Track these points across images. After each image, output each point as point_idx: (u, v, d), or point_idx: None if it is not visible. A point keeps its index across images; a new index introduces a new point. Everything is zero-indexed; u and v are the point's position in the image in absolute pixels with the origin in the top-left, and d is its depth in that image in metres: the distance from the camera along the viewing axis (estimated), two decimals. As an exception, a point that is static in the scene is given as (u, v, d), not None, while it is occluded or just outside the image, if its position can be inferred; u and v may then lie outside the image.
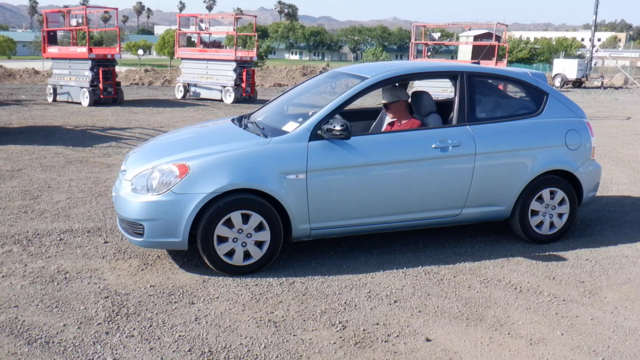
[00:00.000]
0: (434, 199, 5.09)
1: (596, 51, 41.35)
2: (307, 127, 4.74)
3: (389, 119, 5.73)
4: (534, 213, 5.45)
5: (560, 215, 5.52)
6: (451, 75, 5.49)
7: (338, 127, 4.61)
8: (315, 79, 6.22)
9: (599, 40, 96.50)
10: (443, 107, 5.68)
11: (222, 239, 4.51)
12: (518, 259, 5.09)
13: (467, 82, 5.30)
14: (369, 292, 4.34)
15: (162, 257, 4.92)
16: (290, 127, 4.84)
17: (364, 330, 3.79)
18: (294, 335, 3.69)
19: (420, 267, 4.84)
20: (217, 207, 4.41)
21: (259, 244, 4.60)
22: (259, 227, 4.56)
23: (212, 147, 4.73)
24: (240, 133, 5.11)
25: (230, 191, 4.45)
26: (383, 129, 5.69)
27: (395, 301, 4.21)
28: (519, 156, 5.30)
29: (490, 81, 5.72)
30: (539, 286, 4.53)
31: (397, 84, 5.61)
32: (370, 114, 6.30)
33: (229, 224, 4.49)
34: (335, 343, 3.62)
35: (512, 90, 6.51)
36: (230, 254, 4.55)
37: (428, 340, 3.68)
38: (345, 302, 4.16)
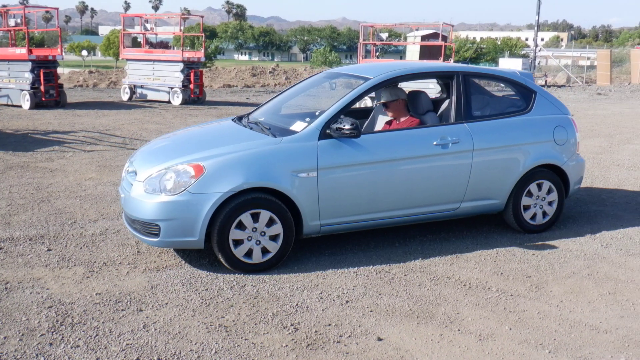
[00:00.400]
0: (436, 193, 5.33)
1: (539, 51, 42.54)
2: (317, 127, 4.88)
3: (384, 117, 5.87)
4: (526, 205, 5.74)
5: (549, 206, 5.84)
6: (448, 75, 5.77)
7: (348, 126, 4.76)
8: (312, 80, 6.36)
9: (542, 40, 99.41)
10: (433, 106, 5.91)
11: (237, 238, 4.60)
12: (467, 255, 5.16)
13: (463, 82, 5.55)
14: (321, 293, 4.32)
15: (108, 263, 4.80)
16: (299, 126, 4.97)
17: (315, 331, 3.77)
18: (245, 340, 3.65)
19: (371, 266, 4.86)
20: (232, 206, 4.51)
21: (272, 242, 4.71)
22: (272, 225, 4.67)
23: (224, 147, 4.82)
24: (248, 133, 5.20)
25: (244, 190, 4.55)
26: (381, 128, 5.80)
27: (346, 301, 4.21)
28: (513, 152, 5.58)
29: (483, 81, 6.00)
30: (487, 282, 4.60)
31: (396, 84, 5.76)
32: (361, 114, 6.36)
33: (243, 223, 4.59)
34: (287, 346, 3.59)
35: (496, 89, 6.68)
36: (245, 252, 4.64)
37: (380, 339, 3.69)
38: (297, 304, 4.14)
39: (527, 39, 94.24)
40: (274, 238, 4.70)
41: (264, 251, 4.69)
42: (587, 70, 41.45)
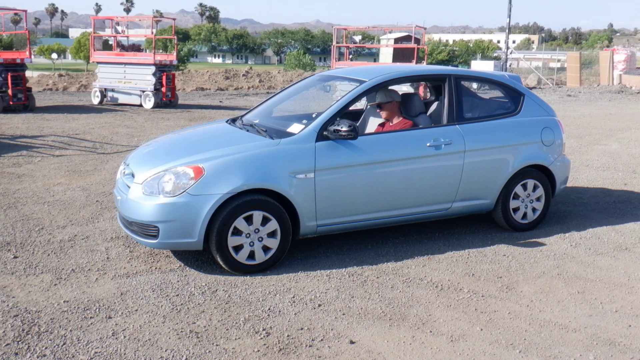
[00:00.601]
0: (429, 193, 5.43)
1: (511, 53, 43.06)
2: (314, 129, 4.95)
3: (376, 119, 5.97)
4: (515, 205, 5.88)
5: (536, 206, 6.00)
6: (440, 78, 5.87)
7: (345, 128, 4.85)
8: (305, 82, 6.43)
9: (513, 42, 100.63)
10: None
11: (236, 238, 4.63)
12: (439, 257, 5.19)
13: (454, 84, 5.67)
14: (293, 297, 4.30)
15: (76, 270, 4.71)
16: (296, 128, 5.05)
17: (288, 336, 3.75)
18: (217, 345, 3.61)
19: (344, 269, 4.85)
20: (231, 208, 4.54)
21: (270, 243, 4.75)
22: (270, 226, 4.72)
23: (222, 149, 4.87)
24: (245, 135, 5.24)
25: (242, 192, 4.59)
26: (374, 130, 5.86)
27: (319, 305, 4.19)
28: (502, 152, 5.72)
29: (474, 83, 6.09)
30: (459, 283, 4.63)
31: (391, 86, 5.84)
32: (351, 116, 6.35)
33: (242, 223, 4.62)
34: (259, 351, 3.56)
35: (482, 92, 6.76)
36: (243, 253, 4.67)
37: (352, 342, 3.68)
38: (269, 309, 4.12)
39: (498, 42, 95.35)
40: (271, 239, 4.75)
41: (262, 251, 4.74)
42: (558, 72, 42.04)
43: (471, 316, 4.08)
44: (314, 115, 5.16)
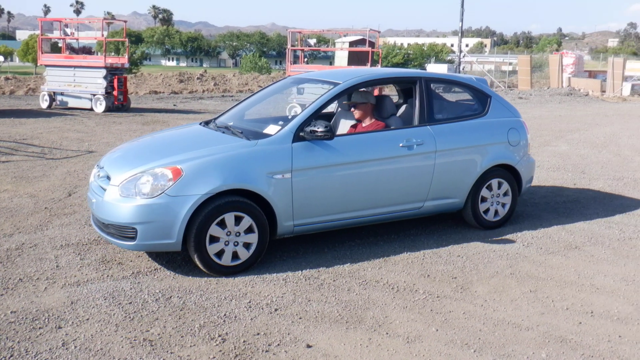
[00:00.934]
0: (402, 193, 5.54)
1: (464, 56, 43.77)
2: (290, 130, 5.00)
3: (347, 121, 6.06)
4: (483, 203, 6.06)
5: (504, 204, 6.20)
6: (411, 80, 5.96)
7: (321, 129, 4.92)
8: (278, 84, 6.49)
9: (467, 45, 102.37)
10: None
11: (214, 240, 4.64)
12: (395, 258, 5.21)
13: (425, 87, 5.80)
14: (249, 302, 4.26)
15: (24, 279, 4.56)
16: (273, 129, 5.09)
17: (244, 341, 3.71)
18: (171, 353, 3.54)
19: (300, 272, 4.83)
20: (210, 209, 4.55)
21: (247, 244, 4.77)
22: (248, 227, 4.74)
23: (200, 150, 4.87)
24: (222, 136, 5.26)
25: (221, 193, 4.60)
26: (346, 131, 5.93)
27: (275, 309, 4.16)
28: (471, 152, 5.88)
29: (443, 85, 6.30)
30: (414, 284, 4.66)
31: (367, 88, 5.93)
32: (323, 118, 6.32)
33: (221, 224, 4.64)
34: (214, 357, 3.51)
35: (448, 94, 6.87)
36: (222, 254, 4.68)
37: (309, 346, 3.66)
38: (224, 314, 4.06)
39: (452, 45, 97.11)
40: (248, 240, 4.76)
41: (239, 253, 4.75)
42: (509, 75, 43.03)
43: (427, 317, 4.11)
44: (289, 117, 5.21)
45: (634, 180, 8.85)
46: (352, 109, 5.87)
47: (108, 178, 4.87)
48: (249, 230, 4.75)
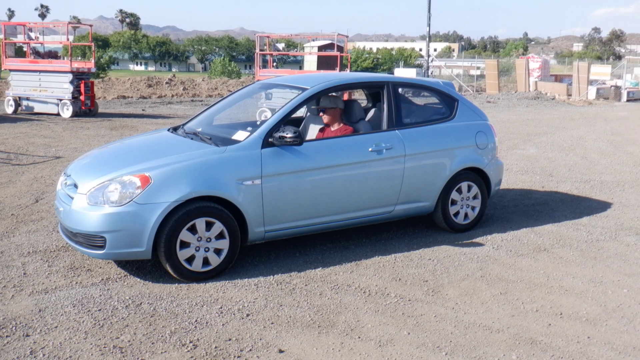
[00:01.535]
0: (373, 197, 5.56)
1: (432, 61, 44.16)
2: (259, 136, 4.98)
3: (316, 126, 6.06)
4: (453, 207, 6.09)
5: (473, 207, 6.25)
6: (379, 85, 5.99)
7: (290, 134, 4.91)
8: (247, 89, 6.48)
9: (435, 50, 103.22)
10: None
11: (185, 245, 4.60)
12: (366, 262, 5.23)
13: (392, 91, 5.82)
14: (221, 308, 4.23)
15: (-11, 288, 4.46)
16: (241, 135, 5.06)
17: (216, 347, 3.68)
18: (142, 361, 3.49)
19: (272, 277, 4.82)
20: (180, 214, 4.52)
21: (218, 250, 4.74)
22: (219, 233, 4.71)
23: (169, 157, 4.82)
24: (190, 143, 5.21)
25: (190, 200, 4.56)
26: (315, 136, 5.91)
27: (247, 315, 4.13)
28: (440, 156, 5.93)
29: (410, 90, 6.32)
30: (386, 288, 4.67)
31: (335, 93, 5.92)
32: (292, 123, 6.27)
33: (192, 230, 4.60)
34: (186, 365, 3.47)
35: (416, 98, 6.88)
36: (192, 260, 4.65)
37: (281, 351, 3.65)
38: (196, 320, 4.02)
39: (420, 49, 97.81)
40: (219, 246, 4.73)
41: (210, 259, 4.71)
42: (477, 79, 43.51)
43: (399, 320, 4.12)
44: (258, 123, 5.18)
45: (601, 182, 9.03)
46: (321, 114, 5.87)
47: (75, 186, 4.79)
48: (220, 236, 4.72)
